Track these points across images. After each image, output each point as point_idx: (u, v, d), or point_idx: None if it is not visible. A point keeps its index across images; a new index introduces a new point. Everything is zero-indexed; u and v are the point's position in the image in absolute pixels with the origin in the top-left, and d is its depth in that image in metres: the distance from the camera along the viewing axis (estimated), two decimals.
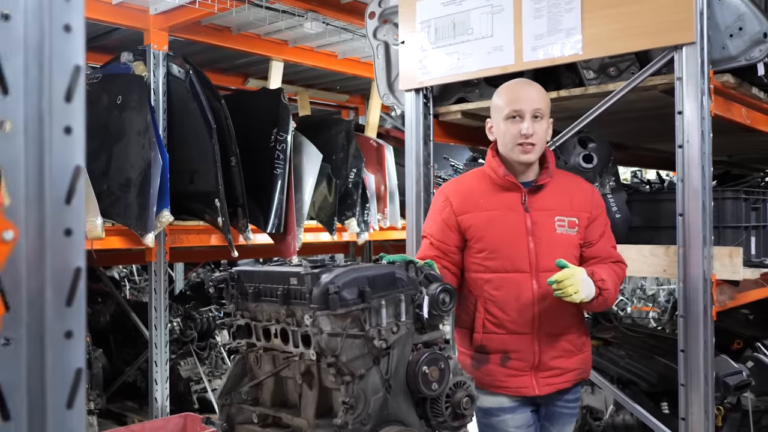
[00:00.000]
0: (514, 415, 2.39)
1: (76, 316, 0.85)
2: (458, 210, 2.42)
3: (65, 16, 0.85)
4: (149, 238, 4.26)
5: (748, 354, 3.65)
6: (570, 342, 2.39)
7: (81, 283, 0.85)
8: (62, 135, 0.84)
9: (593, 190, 2.52)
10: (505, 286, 2.35)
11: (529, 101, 2.34)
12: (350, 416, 1.74)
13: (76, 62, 0.86)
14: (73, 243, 0.85)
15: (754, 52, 2.50)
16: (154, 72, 4.69)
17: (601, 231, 2.43)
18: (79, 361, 0.86)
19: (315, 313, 1.72)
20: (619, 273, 2.40)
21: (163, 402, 4.73)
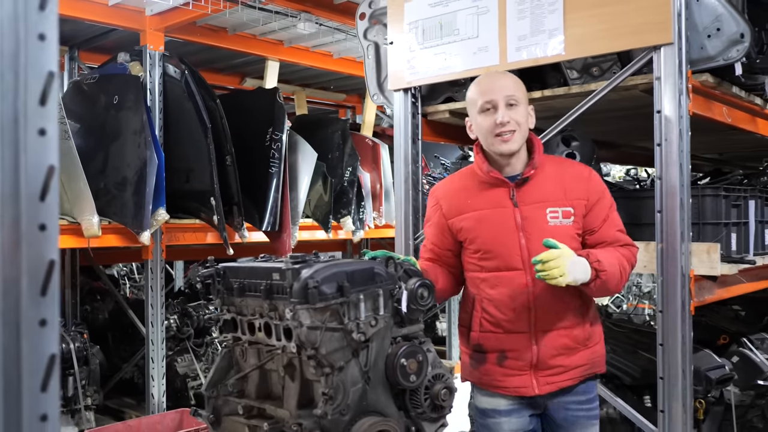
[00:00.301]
0: (509, 419, 2.37)
1: (50, 305, 0.91)
2: (448, 213, 2.42)
3: (40, 26, 0.90)
4: (145, 236, 4.33)
5: (734, 349, 3.70)
6: (571, 338, 2.31)
7: (55, 274, 0.91)
8: (37, 136, 0.90)
9: (590, 175, 2.38)
10: (500, 284, 2.32)
11: (501, 89, 2.30)
12: (330, 407, 1.80)
13: (49, 69, 0.91)
14: (48, 237, 0.91)
15: (732, 52, 2.55)
16: (150, 72, 4.75)
17: (604, 216, 2.32)
18: (53, 348, 0.91)
19: (295, 307, 1.78)
20: (627, 255, 2.29)
21: (160, 398, 4.80)
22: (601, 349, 2.42)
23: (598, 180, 2.40)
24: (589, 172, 2.40)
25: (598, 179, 2.40)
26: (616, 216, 2.37)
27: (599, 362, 2.40)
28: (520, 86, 2.37)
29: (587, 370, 2.35)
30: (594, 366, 2.38)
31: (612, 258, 2.22)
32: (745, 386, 3.60)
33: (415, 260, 2.21)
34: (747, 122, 3.18)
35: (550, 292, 2.25)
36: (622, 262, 2.25)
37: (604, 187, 2.38)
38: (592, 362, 2.37)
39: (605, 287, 2.22)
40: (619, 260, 2.24)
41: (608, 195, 2.37)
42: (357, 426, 1.83)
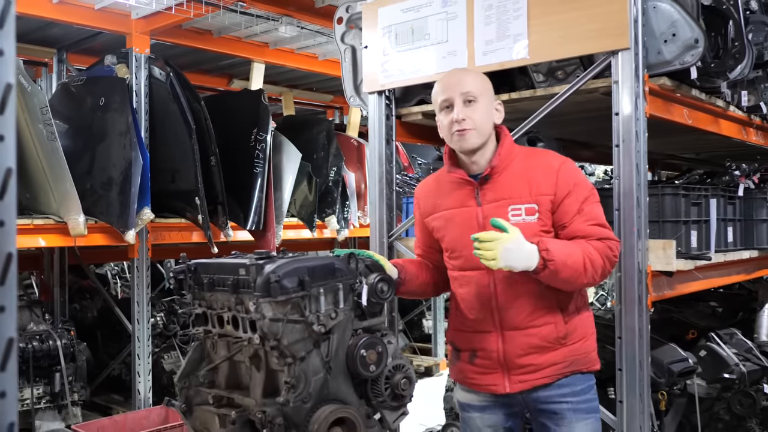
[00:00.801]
0: (482, 415, 2.39)
1: (9, 294, 1.01)
2: (424, 212, 2.46)
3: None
4: (130, 235, 4.43)
5: (702, 343, 3.80)
6: (540, 338, 2.24)
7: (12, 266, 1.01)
8: None
9: (561, 167, 2.26)
10: (467, 284, 2.32)
11: (458, 86, 2.26)
12: (292, 395, 1.90)
13: (7, 81, 1.01)
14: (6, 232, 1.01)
15: (687, 56, 2.65)
16: (136, 74, 4.85)
17: (575, 210, 2.21)
18: (11, 332, 1.01)
19: (258, 300, 1.89)
20: (601, 248, 2.17)
21: (146, 394, 4.89)
22: (586, 345, 2.32)
23: (571, 173, 2.27)
24: (560, 164, 2.27)
25: (570, 172, 2.27)
26: (594, 209, 2.24)
27: (582, 359, 2.30)
28: (481, 82, 2.32)
29: (565, 368, 2.27)
30: (576, 364, 2.28)
31: (572, 249, 2.12)
32: (712, 379, 3.71)
33: (378, 257, 2.28)
34: (709, 123, 3.28)
35: (513, 293, 2.23)
36: (590, 255, 2.13)
37: (577, 180, 2.25)
38: (572, 360, 2.27)
39: (560, 278, 2.11)
40: (585, 253, 2.13)
41: (583, 188, 2.25)
42: (318, 413, 1.93)
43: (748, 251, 3.59)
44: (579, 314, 2.33)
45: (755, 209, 3.61)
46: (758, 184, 3.61)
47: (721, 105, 3.27)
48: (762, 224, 3.66)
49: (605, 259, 2.18)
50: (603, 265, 2.18)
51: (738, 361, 3.73)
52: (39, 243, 4.38)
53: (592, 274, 2.15)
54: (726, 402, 3.75)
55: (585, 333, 2.34)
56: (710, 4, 2.88)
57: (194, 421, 2.21)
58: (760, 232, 3.65)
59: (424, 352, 7.62)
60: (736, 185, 3.43)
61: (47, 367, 4.55)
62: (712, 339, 3.84)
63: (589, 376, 2.35)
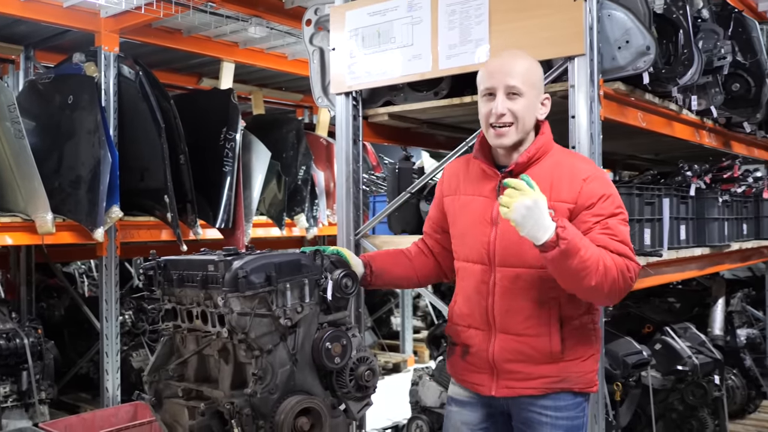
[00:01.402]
0: (461, 410, 2.36)
1: None
2: (446, 191, 2.39)
3: None
4: (99, 233, 4.45)
5: (657, 337, 3.95)
6: (531, 347, 2.16)
7: None
8: None
9: (590, 178, 2.12)
10: (468, 276, 2.28)
11: (504, 77, 2.13)
12: (259, 386, 1.98)
13: None
14: None
15: (639, 62, 2.78)
16: (104, 73, 4.86)
17: (594, 223, 2.07)
18: None
19: (226, 295, 1.96)
20: (618, 262, 2.01)
21: (114, 391, 4.92)
22: (584, 366, 2.20)
23: (599, 185, 2.12)
24: (590, 174, 2.14)
25: (599, 184, 2.12)
26: (618, 227, 2.08)
27: (576, 378, 2.18)
28: (531, 74, 2.18)
29: (555, 383, 2.17)
30: (568, 381, 2.17)
31: (590, 244, 1.99)
32: (666, 371, 3.86)
33: (344, 252, 2.33)
34: (663, 126, 3.42)
35: (512, 295, 2.17)
36: (606, 262, 1.98)
37: (605, 193, 2.10)
38: (565, 377, 2.17)
39: (567, 265, 1.94)
40: (602, 256, 1.99)
41: (610, 204, 2.10)
42: (284, 404, 2.01)
43: (700, 248, 3.74)
44: (583, 332, 2.21)
45: (707, 208, 3.77)
46: (710, 184, 3.76)
47: (674, 108, 3.41)
48: (713, 222, 3.81)
49: (620, 273, 2.01)
50: (615, 279, 2.00)
51: (691, 354, 3.89)
52: (6, 241, 4.38)
53: (601, 279, 1.97)
54: (680, 393, 3.91)
55: (586, 352, 2.21)
56: (662, 13, 3.01)
57: (164, 413, 2.28)
58: (711, 230, 3.80)
59: (392, 349, 7.72)
60: (688, 185, 3.58)
61: (14, 366, 4.55)
62: (667, 333, 3.99)
63: (581, 395, 2.23)
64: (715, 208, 3.82)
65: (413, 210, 3.46)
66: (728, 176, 3.84)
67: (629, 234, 2.14)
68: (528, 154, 2.17)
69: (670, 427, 3.95)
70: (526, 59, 2.22)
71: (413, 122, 3.70)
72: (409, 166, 3.62)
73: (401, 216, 3.51)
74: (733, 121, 3.91)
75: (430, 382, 3.77)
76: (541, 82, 2.24)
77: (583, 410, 2.25)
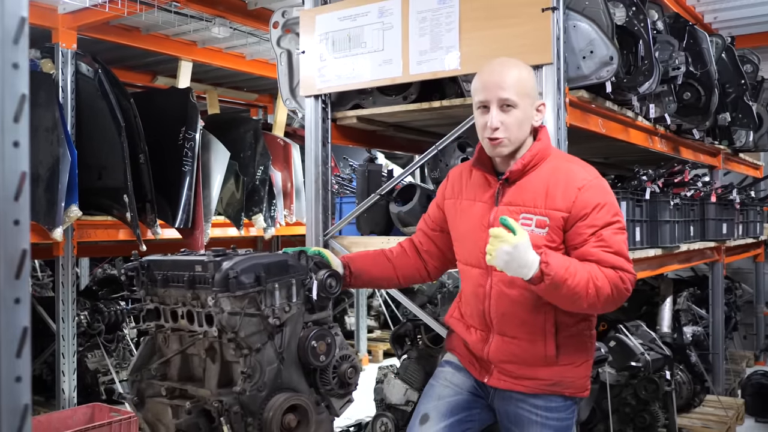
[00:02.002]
0: (455, 372, 2.40)
1: (23, 286, 1.11)
2: (448, 193, 2.45)
3: (13, 57, 1.10)
4: (57, 233, 4.38)
5: (611, 335, 4.11)
6: (527, 351, 2.21)
7: (27, 261, 1.11)
8: (12, 148, 1.10)
9: (584, 188, 2.13)
10: (467, 279, 2.35)
11: (497, 89, 2.17)
12: (248, 384, 2.02)
13: (22, 92, 1.11)
14: (21, 230, 1.11)
15: (603, 72, 2.91)
16: (62, 70, 4.79)
17: (589, 234, 2.10)
18: (25, 321, 1.11)
19: (217, 295, 2.00)
20: (610, 276, 2.04)
21: (71, 393, 4.84)
22: (578, 371, 2.25)
23: (596, 193, 2.14)
24: (587, 182, 2.16)
25: (593, 193, 2.14)
26: (612, 237, 2.10)
27: (569, 383, 2.23)
28: (523, 84, 2.21)
29: (548, 386, 2.22)
30: (560, 385, 2.23)
31: (577, 269, 2.03)
32: (620, 367, 4.02)
33: (326, 253, 2.40)
34: (620, 132, 3.58)
35: (508, 299, 2.21)
36: (597, 281, 2.02)
37: (600, 203, 2.13)
38: (558, 381, 2.22)
39: (558, 294, 2.03)
40: (592, 277, 2.02)
41: (605, 213, 2.12)
42: (272, 401, 2.05)
43: (653, 249, 3.91)
44: (579, 337, 2.26)
45: (660, 211, 3.94)
46: (662, 188, 3.94)
47: (631, 115, 3.57)
48: (665, 225, 3.99)
49: (613, 287, 2.05)
50: (609, 294, 2.04)
51: (643, 351, 4.06)
52: None
53: (594, 300, 2.03)
54: (633, 388, 4.08)
55: (580, 358, 2.26)
56: (623, 25, 3.15)
57: (146, 413, 2.29)
58: (663, 232, 3.98)
59: None
60: (643, 189, 3.74)
61: None
62: (621, 330, 4.15)
63: (572, 398, 2.28)
64: (667, 210, 3.99)
65: (382, 211, 3.52)
66: (679, 180, 4.03)
67: (626, 241, 2.16)
68: (523, 162, 2.20)
69: (624, 421, 4.11)
70: (518, 68, 2.24)
71: (380, 125, 3.77)
72: (378, 169, 3.69)
73: (370, 217, 3.57)
74: (684, 128, 4.11)
75: (395, 380, 3.84)
76: (534, 90, 2.28)
77: (573, 412, 2.31)
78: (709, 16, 5.09)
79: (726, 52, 4.32)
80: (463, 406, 2.36)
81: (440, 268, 2.54)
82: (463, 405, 2.36)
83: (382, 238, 3.42)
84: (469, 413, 2.36)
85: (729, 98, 4.33)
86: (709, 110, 3.94)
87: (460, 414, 2.34)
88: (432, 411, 2.34)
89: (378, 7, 3.27)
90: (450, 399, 2.36)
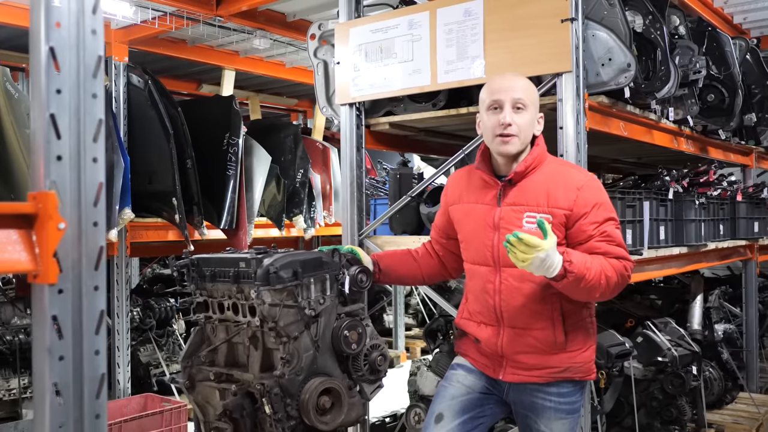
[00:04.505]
0: (467, 375, 2.52)
1: (101, 276, 1.34)
2: (450, 200, 2.59)
3: (92, 88, 1.34)
4: (113, 234, 4.69)
5: (639, 331, 4.24)
6: (539, 340, 2.35)
7: (103, 255, 1.34)
8: (91, 163, 1.33)
9: (585, 186, 2.32)
10: (475, 277, 2.46)
11: (509, 91, 2.34)
12: (287, 368, 2.25)
13: (99, 117, 1.34)
14: (99, 230, 1.34)
15: (621, 78, 3.06)
16: (115, 81, 5.11)
17: (591, 231, 2.29)
18: (103, 305, 1.34)
19: (259, 289, 2.22)
20: (617, 266, 2.26)
21: (125, 384, 5.16)
22: (585, 356, 2.41)
23: (594, 192, 2.33)
24: (585, 182, 2.34)
25: (593, 191, 2.33)
26: (612, 231, 2.32)
27: (578, 368, 2.39)
28: (531, 91, 2.42)
29: (559, 373, 2.37)
30: (570, 371, 2.38)
31: (592, 264, 2.21)
32: (647, 362, 4.15)
33: (358, 251, 2.61)
34: (643, 134, 3.71)
35: (516, 293, 2.34)
36: (607, 272, 2.23)
37: (598, 202, 2.32)
38: (568, 367, 2.38)
39: (577, 288, 2.20)
40: (603, 268, 2.23)
41: (603, 210, 2.32)
42: (309, 384, 2.27)
43: (678, 248, 4.03)
44: (583, 324, 2.43)
45: (685, 210, 4.05)
46: (687, 187, 4.05)
47: (654, 118, 3.69)
48: (690, 223, 4.10)
49: (619, 276, 2.27)
50: (617, 282, 2.27)
51: (670, 347, 4.18)
52: None
53: (605, 289, 2.24)
54: (660, 383, 4.19)
55: (585, 343, 2.42)
56: (641, 32, 3.29)
57: (196, 395, 2.53)
58: (689, 231, 4.09)
59: None
60: (667, 189, 3.87)
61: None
62: (648, 327, 4.28)
63: (580, 382, 2.45)
64: (693, 210, 4.10)
65: (413, 212, 3.72)
66: (704, 180, 4.13)
67: (621, 231, 2.39)
68: (525, 164, 2.37)
69: (651, 415, 4.23)
70: (525, 80, 2.46)
71: (411, 130, 3.97)
72: (409, 172, 3.89)
73: (402, 218, 3.78)
74: (709, 129, 4.21)
75: (428, 373, 4.03)
76: (537, 102, 2.47)
77: (582, 395, 2.49)
78: (739, 17, 5.15)
79: (751, 53, 4.41)
80: (476, 404, 2.50)
81: (459, 269, 2.70)
82: (475, 403, 2.50)
83: (413, 237, 3.63)
84: (481, 409, 2.51)
85: (755, 99, 4.41)
86: (733, 111, 4.04)
87: (473, 411, 2.49)
88: (446, 410, 2.48)
89: (407, 20, 3.47)
90: (462, 398, 2.49)
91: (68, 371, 1.29)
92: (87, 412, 1.31)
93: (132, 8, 4.49)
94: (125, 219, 4.79)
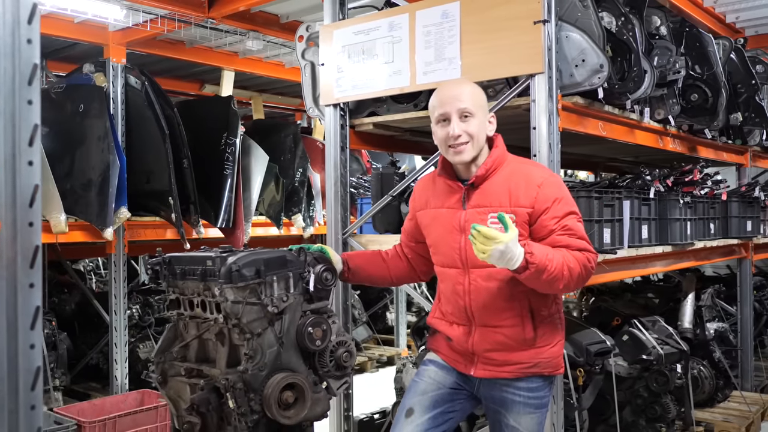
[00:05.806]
0: (438, 371, 2.58)
1: (36, 274, 1.41)
2: (417, 206, 2.65)
3: (28, 95, 1.41)
4: (108, 232, 4.79)
5: (625, 329, 4.26)
6: (509, 337, 2.41)
7: (39, 254, 1.41)
8: (27, 166, 1.40)
9: (544, 182, 2.38)
10: (445, 279, 2.52)
11: (454, 101, 2.39)
12: (250, 364, 2.31)
13: (35, 122, 1.42)
14: (34, 230, 1.41)
15: (594, 79, 3.09)
16: (113, 83, 5.21)
17: (553, 225, 2.35)
18: (38, 302, 1.41)
19: (222, 286, 2.29)
20: (579, 258, 2.31)
21: (123, 380, 5.26)
22: (553, 351, 2.47)
23: (553, 188, 2.39)
24: (545, 179, 2.40)
25: (553, 187, 2.39)
26: (574, 224, 2.37)
27: (546, 363, 2.46)
28: (477, 97, 2.44)
29: (528, 368, 2.43)
30: (539, 366, 2.45)
31: (554, 255, 2.26)
32: (632, 360, 4.17)
33: (327, 249, 2.64)
34: (624, 134, 3.73)
35: (486, 293, 2.41)
36: (569, 263, 2.28)
37: (558, 196, 2.38)
38: (537, 362, 2.44)
39: (540, 280, 2.25)
40: (565, 260, 2.27)
41: (564, 204, 2.38)
42: (272, 380, 2.33)
43: (662, 246, 4.05)
44: (551, 320, 2.48)
45: (669, 209, 4.07)
46: (671, 187, 4.06)
47: (635, 118, 3.71)
48: (675, 222, 4.12)
49: (582, 267, 2.32)
50: (580, 273, 2.31)
51: (656, 345, 4.19)
52: None
53: (568, 280, 2.29)
54: (645, 380, 4.22)
55: (554, 339, 2.48)
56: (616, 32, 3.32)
57: (168, 390, 2.61)
58: (673, 230, 4.11)
59: (386, 343, 8.06)
60: (648, 188, 3.88)
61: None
62: (634, 325, 4.30)
63: (549, 377, 2.51)
64: (677, 209, 4.11)
65: (395, 211, 3.78)
66: (689, 180, 4.14)
67: (583, 225, 2.44)
68: (485, 167, 2.43)
69: (636, 412, 4.25)
70: (470, 85, 2.51)
71: (397, 131, 4.03)
72: (391, 171, 3.94)
73: (384, 217, 3.83)
74: (695, 128, 4.22)
75: (412, 369, 4.09)
76: (486, 104, 2.50)
77: (550, 390, 2.56)
78: (731, 16, 5.15)
79: (736, 53, 4.40)
80: (446, 399, 2.56)
81: (428, 272, 2.75)
82: (446, 398, 2.56)
83: (396, 236, 3.66)
84: (451, 404, 2.56)
85: (741, 98, 4.41)
86: (717, 110, 4.04)
87: (443, 406, 2.55)
88: (416, 405, 2.54)
89: (388, 21, 3.53)
90: (433, 393, 2.55)
91: (3, 364, 1.35)
92: (22, 403, 1.37)
93: (123, 11, 4.58)
94: (121, 218, 4.89)
